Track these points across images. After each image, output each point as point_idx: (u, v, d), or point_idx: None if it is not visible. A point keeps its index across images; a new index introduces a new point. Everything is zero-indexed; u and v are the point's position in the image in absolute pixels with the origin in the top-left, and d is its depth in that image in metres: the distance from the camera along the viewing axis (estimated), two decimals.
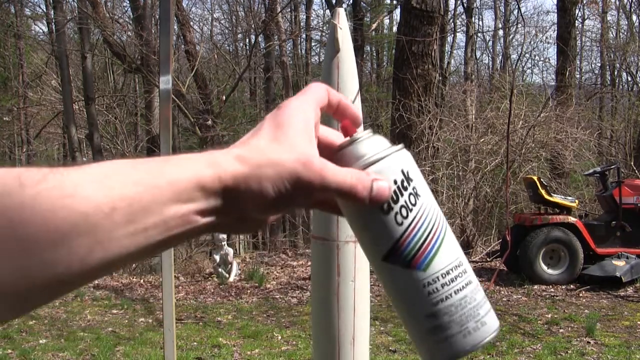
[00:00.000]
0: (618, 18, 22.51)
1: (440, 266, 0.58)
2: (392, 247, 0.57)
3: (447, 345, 0.58)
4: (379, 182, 0.56)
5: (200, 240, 11.07)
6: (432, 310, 0.58)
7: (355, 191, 0.55)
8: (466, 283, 0.59)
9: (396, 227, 0.57)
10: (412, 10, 9.87)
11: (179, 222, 0.50)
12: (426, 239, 0.58)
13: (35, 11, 19.16)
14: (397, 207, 0.57)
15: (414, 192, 0.58)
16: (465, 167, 10.32)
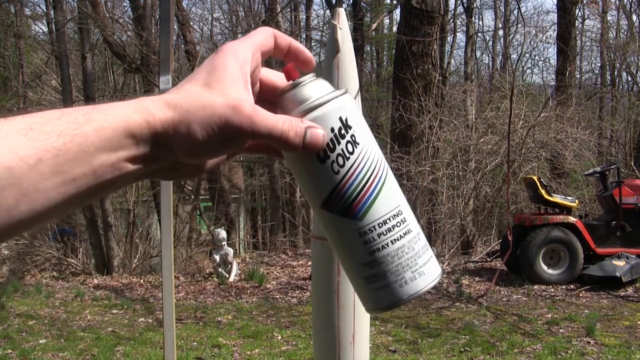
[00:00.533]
0: (618, 18, 22.51)
1: (376, 215, 0.57)
2: (329, 195, 0.57)
3: (383, 294, 0.58)
4: (312, 129, 0.55)
5: (200, 240, 11.07)
6: (368, 259, 0.57)
7: (286, 137, 0.54)
8: (404, 232, 0.59)
9: (332, 175, 0.56)
10: (412, 10, 9.87)
11: (108, 170, 0.50)
12: (363, 188, 0.57)
13: (35, 11, 19.16)
14: (334, 156, 0.56)
15: (352, 140, 0.57)
16: (465, 167, 10.32)
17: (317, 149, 0.55)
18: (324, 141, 0.56)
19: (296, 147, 0.55)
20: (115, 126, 0.50)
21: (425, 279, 0.59)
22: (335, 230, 0.58)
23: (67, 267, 8.92)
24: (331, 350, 1.09)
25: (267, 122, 0.54)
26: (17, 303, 6.85)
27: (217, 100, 0.53)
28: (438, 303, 6.69)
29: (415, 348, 5.09)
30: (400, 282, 0.58)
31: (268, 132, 0.54)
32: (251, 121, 0.53)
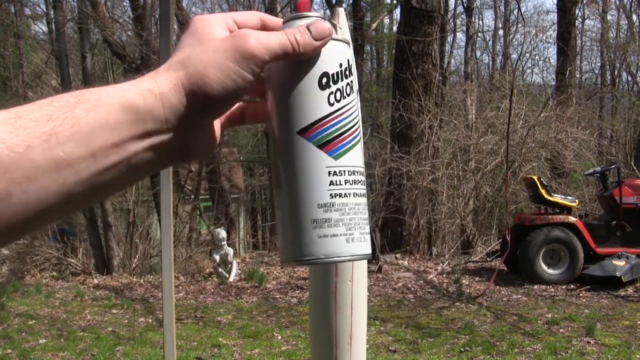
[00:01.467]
0: (618, 18, 22.51)
1: (349, 162, 0.57)
2: (315, 122, 0.56)
3: (328, 242, 0.56)
4: (314, 23, 0.55)
5: (200, 240, 11.07)
6: (328, 201, 0.56)
7: (296, 41, 0.53)
8: (363, 193, 0.58)
9: (327, 105, 0.56)
10: (412, 10, 9.87)
11: (110, 152, 0.46)
12: (347, 131, 0.57)
13: (35, 11, 19.16)
14: (334, 88, 0.56)
15: (351, 84, 0.58)
16: (465, 167, 10.32)
17: (327, 35, 0.55)
18: (330, 27, 0.55)
19: (310, 44, 0.54)
20: (111, 103, 0.47)
21: (366, 246, 0.58)
22: (303, 161, 0.56)
23: (67, 267, 8.93)
24: (328, 351, 1.09)
25: (277, 37, 0.53)
26: (17, 303, 6.86)
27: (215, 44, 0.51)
28: (438, 303, 6.69)
29: (415, 348, 5.09)
30: (349, 237, 0.56)
31: (280, 45, 0.52)
32: (261, 43, 0.52)
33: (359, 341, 1.05)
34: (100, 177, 0.46)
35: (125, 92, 0.48)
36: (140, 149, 0.48)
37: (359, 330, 1.05)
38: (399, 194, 9.57)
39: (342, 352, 1.07)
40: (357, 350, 1.07)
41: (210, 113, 0.52)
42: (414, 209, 9.58)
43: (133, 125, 0.47)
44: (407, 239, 9.66)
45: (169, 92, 0.49)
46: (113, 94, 0.47)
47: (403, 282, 7.62)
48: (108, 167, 0.46)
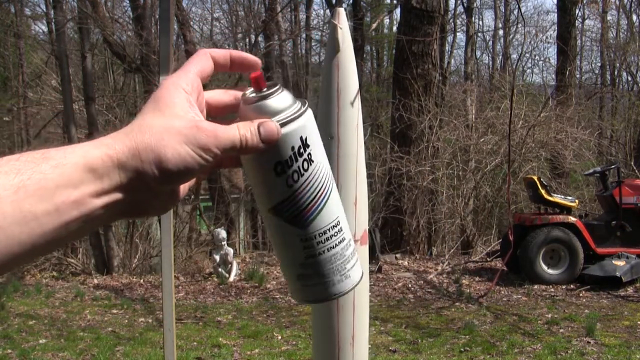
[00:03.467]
0: (618, 18, 22.51)
1: (318, 226, 0.63)
2: (279, 203, 0.62)
3: (311, 291, 0.66)
4: (264, 124, 0.58)
5: (200, 240, 11.07)
6: (304, 262, 0.64)
7: (246, 141, 0.57)
8: (339, 241, 0.65)
9: (286, 188, 0.61)
10: (412, 10, 9.87)
11: (72, 206, 0.50)
12: (310, 202, 0.62)
13: (35, 11, 19.15)
14: (290, 172, 0.61)
15: (309, 158, 0.62)
16: (465, 167, 10.32)
17: (275, 140, 0.59)
18: (278, 131, 0.59)
19: (257, 146, 0.58)
20: (75, 162, 0.50)
21: (349, 281, 0.67)
22: (279, 233, 0.64)
23: (67, 267, 8.92)
24: (331, 352, 1.09)
25: (228, 134, 0.57)
26: (17, 303, 6.85)
27: (176, 124, 0.55)
28: (438, 303, 6.69)
29: (415, 348, 5.09)
30: (328, 283, 0.65)
31: (232, 143, 0.57)
32: (216, 137, 0.56)
33: (361, 342, 1.05)
34: (62, 230, 0.50)
35: (87, 152, 0.52)
36: (99, 205, 0.52)
37: (361, 330, 1.05)
38: (399, 194, 9.57)
39: (344, 353, 1.07)
40: (359, 350, 1.07)
41: (162, 186, 0.55)
42: (414, 209, 9.58)
43: (92, 184, 0.51)
44: (407, 239, 9.66)
45: (125, 159, 0.52)
46: (76, 153, 0.51)
47: (403, 282, 7.61)
48: (69, 221, 0.50)
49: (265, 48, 15.33)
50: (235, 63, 0.63)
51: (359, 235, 1.12)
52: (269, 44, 15.05)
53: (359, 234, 1.12)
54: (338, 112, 1.22)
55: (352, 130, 1.20)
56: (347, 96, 1.26)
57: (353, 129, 1.20)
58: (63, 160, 0.50)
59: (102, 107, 13.29)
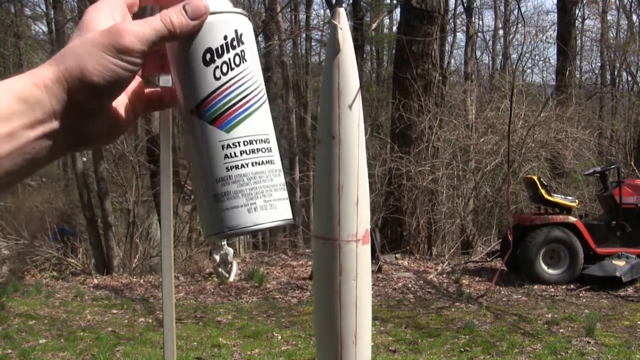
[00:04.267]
0: (618, 18, 22.52)
1: (244, 132, 0.57)
2: (202, 100, 0.56)
3: (230, 215, 0.57)
4: (190, 1, 0.56)
5: (200, 240, 11.06)
6: (224, 175, 0.57)
7: (172, 22, 0.55)
8: (267, 160, 0.58)
9: (212, 80, 0.56)
10: (412, 10, 9.87)
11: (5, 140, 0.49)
12: (238, 102, 0.57)
13: (35, 11, 19.17)
14: (219, 62, 0.56)
15: (242, 54, 0.57)
16: (465, 167, 10.32)
17: (202, 13, 0.55)
18: (205, 5, 0.56)
19: (186, 25, 0.55)
20: (3, 95, 0.49)
21: (275, 213, 0.59)
22: (199, 139, 0.57)
23: (67, 267, 8.92)
24: (333, 350, 1.09)
25: (150, 25, 0.55)
26: (17, 303, 6.85)
27: (94, 36, 0.53)
28: (438, 303, 6.69)
29: (415, 348, 5.09)
30: (250, 207, 0.57)
31: (157, 33, 0.54)
32: (135, 34, 0.54)
33: (364, 340, 1.05)
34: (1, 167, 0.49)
35: (14, 84, 0.50)
36: (32, 137, 0.50)
37: (364, 329, 1.05)
38: (398, 194, 9.57)
39: (347, 352, 1.07)
40: (362, 349, 1.07)
41: (95, 102, 0.53)
42: (414, 209, 9.58)
43: (24, 116, 0.49)
44: (407, 239, 9.66)
45: (51, 84, 0.51)
46: (3, 86, 0.50)
47: (403, 282, 7.62)
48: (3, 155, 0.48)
49: (265, 48, 15.33)
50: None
51: (361, 234, 1.12)
52: (269, 44, 15.06)
53: (361, 233, 1.12)
54: (339, 112, 1.22)
55: (353, 131, 1.20)
56: (347, 96, 1.26)
57: (354, 130, 1.20)
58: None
59: None
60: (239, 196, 0.57)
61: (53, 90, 0.51)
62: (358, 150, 1.29)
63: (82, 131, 0.54)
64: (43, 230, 10.06)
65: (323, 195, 1.26)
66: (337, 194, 1.20)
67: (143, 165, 11.86)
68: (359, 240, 1.18)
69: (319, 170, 1.28)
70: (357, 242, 1.20)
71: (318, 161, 1.28)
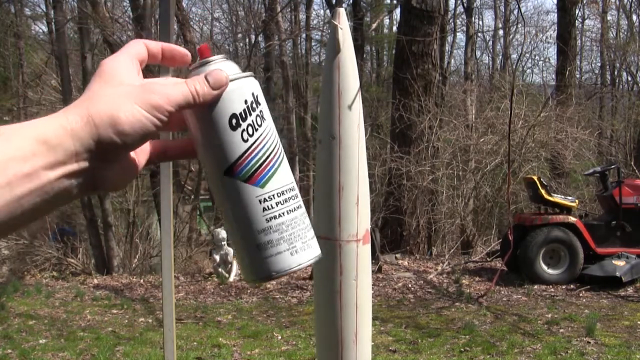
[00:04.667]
0: (618, 18, 22.52)
1: (276, 185, 0.63)
2: (235, 161, 0.61)
3: (275, 261, 0.62)
4: (211, 72, 0.60)
5: (200, 240, 11.07)
6: (265, 226, 0.62)
7: (196, 91, 0.58)
8: (297, 206, 0.64)
9: (242, 142, 0.61)
10: (412, 10, 9.87)
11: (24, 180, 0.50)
12: (267, 158, 0.62)
13: (35, 11, 19.15)
14: (245, 125, 0.61)
15: (261, 114, 0.62)
16: (465, 167, 10.32)
17: (224, 84, 0.60)
18: (226, 75, 0.60)
19: (209, 94, 0.59)
20: (27, 135, 0.51)
21: (312, 251, 0.64)
22: (235, 196, 0.62)
23: (67, 267, 8.92)
24: (334, 350, 1.09)
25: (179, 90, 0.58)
26: (17, 303, 6.85)
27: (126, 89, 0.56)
28: (438, 303, 6.69)
29: (415, 348, 5.09)
30: (292, 250, 0.62)
31: (184, 98, 0.58)
32: (167, 95, 0.57)
33: (364, 339, 1.05)
34: (17, 205, 0.50)
35: (38, 126, 0.52)
36: (52, 178, 0.52)
37: (364, 328, 1.05)
38: (399, 194, 9.57)
39: (347, 351, 1.07)
40: (362, 348, 1.07)
41: (118, 150, 0.56)
42: (414, 209, 9.58)
43: (45, 156, 0.51)
44: (407, 239, 9.66)
45: (79, 127, 0.53)
46: (29, 127, 0.52)
47: (403, 282, 7.62)
48: (23, 195, 0.50)
49: (265, 48, 15.34)
50: (166, 54, 0.65)
51: (361, 234, 1.12)
52: (269, 44, 15.05)
53: (361, 233, 1.12)
54: (339, 112, 1.22)
55: (353, 131, 1.20)
56: (347, 96, 1.26)
57: (354, 130, 1.20)
58: (15, 135, 0.50)
59: None
60: (281, 243, 0.62)
61: (78, 134, 0.53)
62: (358, 150, 1.29)
63: (99, 175, 0.56)
64: (43, 230, 10.06)
65: (323, 196, 1.26)
66: (337, 194, 1.20)
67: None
68: (360, 240, 1.18)
69: (319, 170, 1.28)
70: (358, 242, 1.20)
71: (318, 161, 1.28)
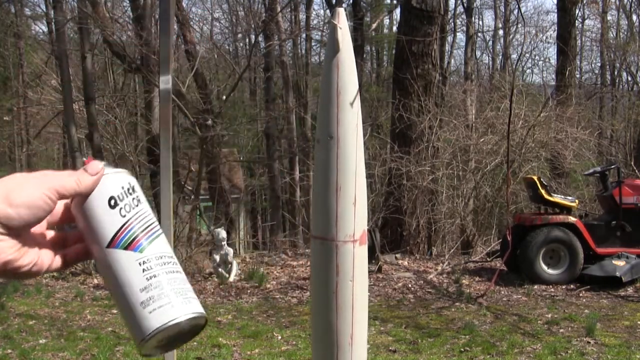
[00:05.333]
0: (618, 18, 22.52)
1: (154, 251, 0.71)
2: (115, 233, 0.71)
3: (158, 315, 0.69)
4: (88, 164, 0.72)
5: (200, 240, 11.06)
6: (147, 284, 0.69)
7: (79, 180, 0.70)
8: (177, 270, 0.72)
9: (120, 217, 0.71)
10: (412, 10, 9.87)
11: None
12: (144, 230, 0.72)
13: (35, 11, 19.17)
14: (122, 204, 0.71)
15: (137, 198, 0.73)
16: (465, 167, 10.32)
17: (99, 169, 0.72)
18: (98, 164, 0.72)
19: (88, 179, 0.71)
20: None
21: (193, 306, 0.71)
22: (118, 263, 0.70)
23: None
24: (329, 351, 1.09)
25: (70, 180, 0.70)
26: (17, 303, 6.85)
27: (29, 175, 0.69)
28: (438, 303, 6.69)
29: (415, 348, 5.09)
30: (173, 303, 0.69)
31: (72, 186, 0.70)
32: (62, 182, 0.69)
33: (360, 341, 1.05)
34: None
35: None
36: None
37: (360, 330, 1.05)
38: (399, 194, 9.57)
39: (343, 353, 1.07)
40: (358, 350, 1.07)
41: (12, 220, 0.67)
42: (414, 209, 9.57)
43: None
44: (407, 239, 9.65)
45: None
46: None
47: (403, 282, 7.62)
48: None
49: (265, 48, 15.33)
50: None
51: (358, 235, 1.12)
52: (269, 44, 15.05)
53: (358, 233, 1.12)
54: (337, 112, 1.22)
55: (351, 130, 1.20)
56: (346, 96, 1.26)
57: (352, 129, 1.20)
58: None
59: (102, 107, 13.29)
60: (162, 297, 0.69)
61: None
62: (356, 150, 1.29)
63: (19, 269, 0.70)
64: None
65: (321, 196, 1.26)
66: (334, 194, 1.20)
67: (143, 165, 11.87)
68: (356, 240, 1.18)
69: (317, 170, 1.28)
70: (354, 242, 1.20)
71: (316, 161, 1.28)
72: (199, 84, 12.48)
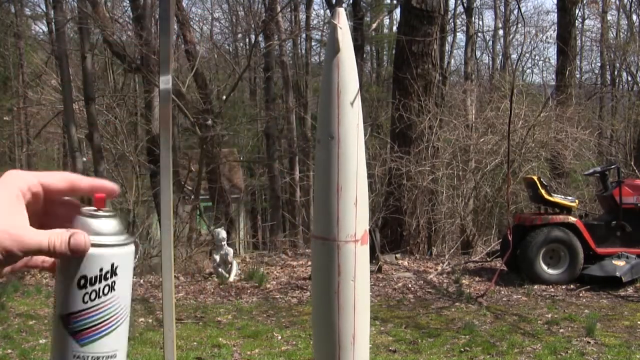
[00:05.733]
0: (618, 18, 22.52)
1: (95, 350, 0.68)
2: (68, 314, 0.67)
3: None
4: (75, 235, 0.64)
5: (200, 240, 11.06)
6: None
7: (54, 245, 0.64)
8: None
9: (80, 302, 0.67)
10: (412, 10, 9.87)
11: None
12: (96, 325, 0.67)
13: (35, 11, 19.17)
14: (90, 289, 0.67)
15: (111, 285, 0.67)
16: (465, 167, 10.32)
17: (81, 251, 0.65)
18: (86, 244, 0.65)
19: (64, 252, 0.64)
20: None
21: None
22: (59, 342, 0.68)
23: None
24: (331, 351, 1.09)
25: (35, 239, 0.63)
26: (17, 303, 6.85)
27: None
28: (438, 303, 6.69)
29: (415, 348, 5.09)
30: None
31: (38, 246, 0.63)
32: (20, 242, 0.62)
33: (362, 341, 1.05)
34: None
35: None
36: None
37: (362, 330, 1.05)
38: (398, 194, 9.57)
39: (345, 352, 1.07)
40: (360, 350, 1.07)
41: None
42: (414, 209, 9.57)
43: None
44: (407, 239, 9.65)
45: None
46: None
47: (403, 282, 7.61)
48: None
49: (265, 48, 15.33)
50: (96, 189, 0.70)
51: (360, 235, 1.12)
52: (269, 44, 15.05)
53: (360, 233, 1.12)
54: (338, 112, 1.22)
55: (352, 130, 1.20)
56: (347, 96, 1.26)
57: (353, 129, 1.20)
58: None
59: (102, 107, 13.29)
60: None
61: None
62: (357, 150, 1.29)
63: None
64: None
65: (322, 196, 1.26)
66: (335, 194, 1.20)
67: (143, 165, 11.88)
68: (358, 240, 1.18)
69: (317, 170, 1.28)
70: (356, 242, 1.20)
71: (317, 161, 1.28)
72: (199, 84, 12.48)
